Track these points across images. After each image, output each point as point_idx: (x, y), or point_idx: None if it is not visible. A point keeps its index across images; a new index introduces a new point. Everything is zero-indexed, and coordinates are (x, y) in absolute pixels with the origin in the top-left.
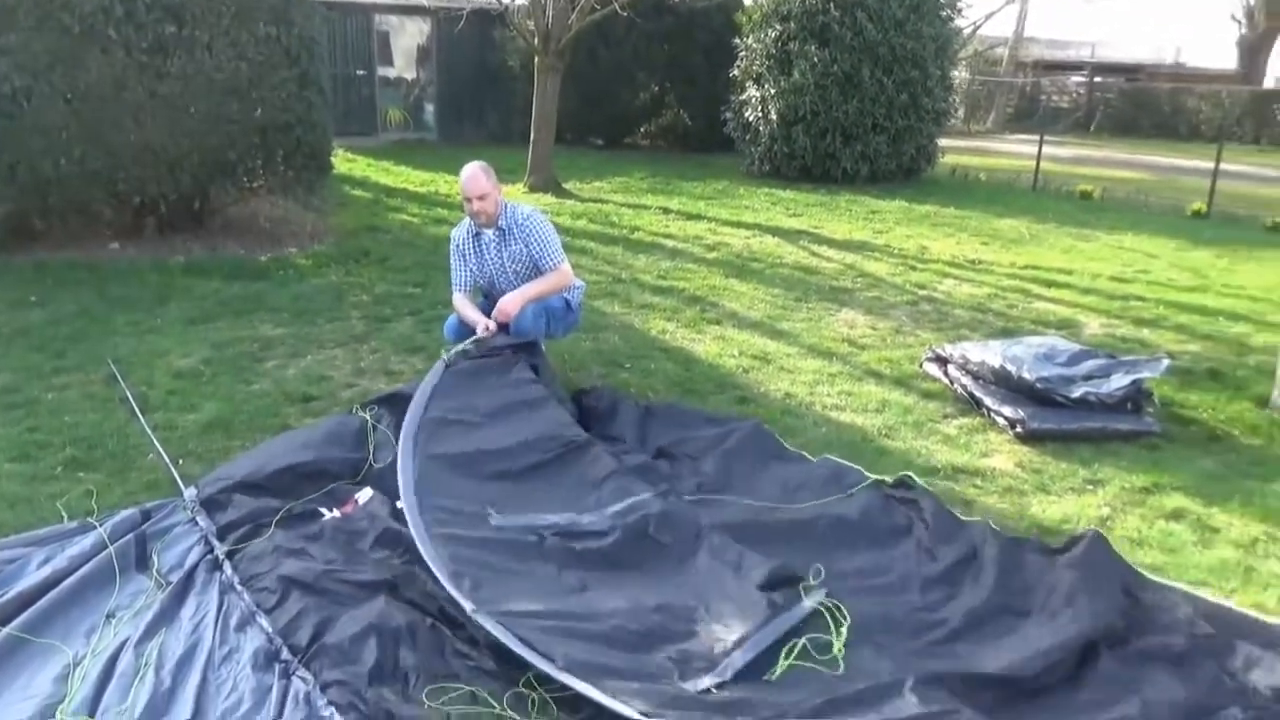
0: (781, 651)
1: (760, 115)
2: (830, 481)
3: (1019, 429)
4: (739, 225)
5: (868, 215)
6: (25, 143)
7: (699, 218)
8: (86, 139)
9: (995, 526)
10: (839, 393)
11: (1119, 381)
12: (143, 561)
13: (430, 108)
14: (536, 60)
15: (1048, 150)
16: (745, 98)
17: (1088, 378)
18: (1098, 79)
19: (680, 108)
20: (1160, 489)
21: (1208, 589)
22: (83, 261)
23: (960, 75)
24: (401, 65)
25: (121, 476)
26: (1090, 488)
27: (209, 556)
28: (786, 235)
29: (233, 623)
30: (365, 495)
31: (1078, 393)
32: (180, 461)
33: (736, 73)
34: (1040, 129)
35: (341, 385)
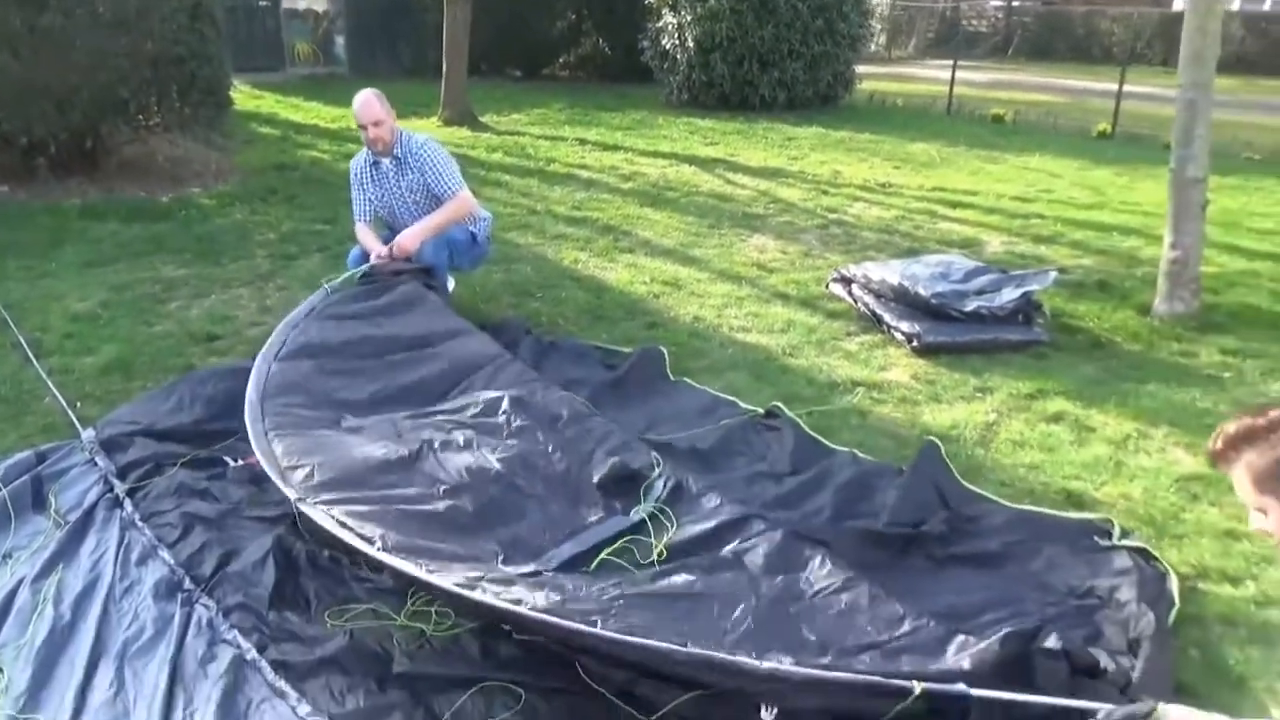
0: (603, 549)
1: (677, 43)
2: (704, 413)
3: (916, 343)
4: (656, 155)
5: (784, 142)
6: None
7: (616, 148)
8: None
9: (860, 454)
10: (746, 314)
11: (1009, 295)
12: (39, 503)
13: (340, 41)
14: None
15: (965, 75)
16: (662, 25)
17: (980, 292)
18: (1015, 3)
19: (599, 36)
20: (1044, 394)
21: (1080, 483)
22: None
23: (880, 1)
24: None
25: (16, 421)
26: (979, 395)
27: (109, 495)
28: (703, 164)
29: (134, 557)
30: None
31: (970, 306)
32: (79, 404)
33: None
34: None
35: (246, 324)
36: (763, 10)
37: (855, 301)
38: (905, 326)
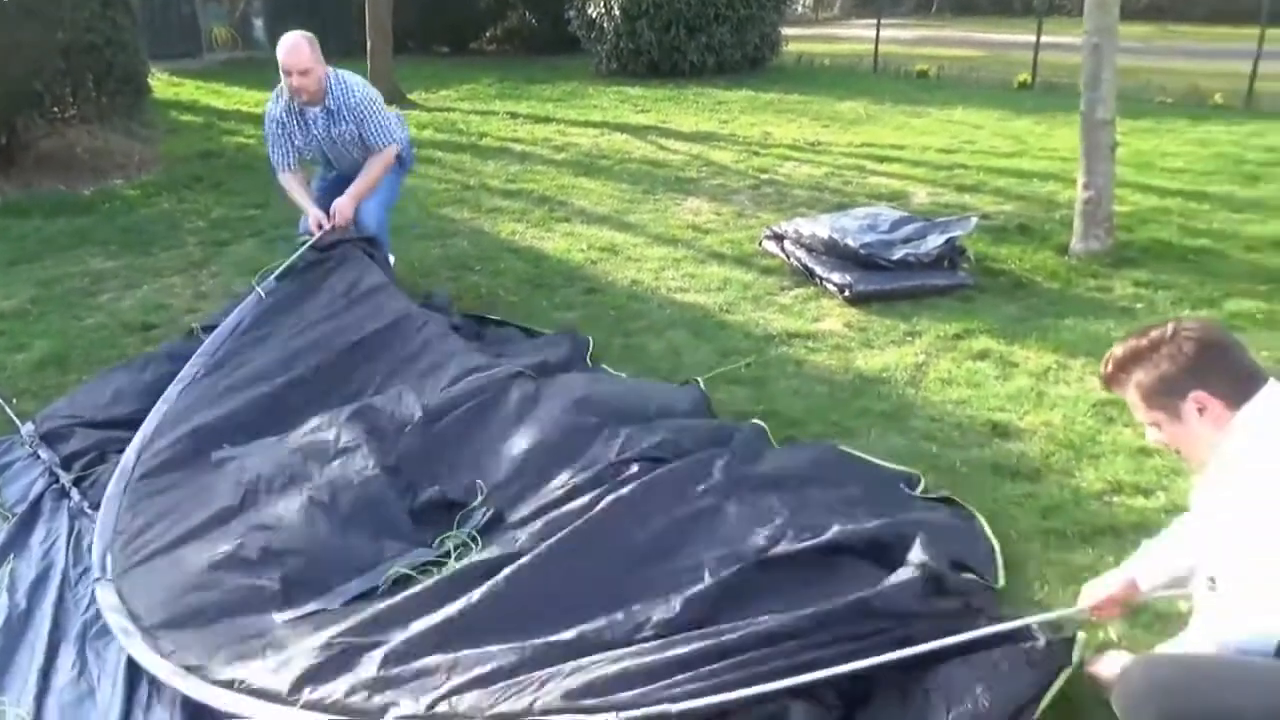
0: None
1: (604, 11)
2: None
3: (847, 293)
4: (588, 125)
5: (714, 106)
6: None
7: (548, 120)
8: None
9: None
10: (683, 275)
11: (934, 242)
12: None
13: (259, 23)
14: None
15: (891, 34)
16: None
17: (907, 241)
18: None
19: (525, 9)
20: (970, 334)
21: (1005, 414)
22: None
23: None
24: None
25: None
26: (909, 339)
27: (55, 486)
28: (635, 131)
29: (86, 544)
30: None
31: (898, 255)
32: (15, 400)
33: None
34: (882, 13)
35: (182, 311)
36: None
37: (788, 257)
38: (837, 278)
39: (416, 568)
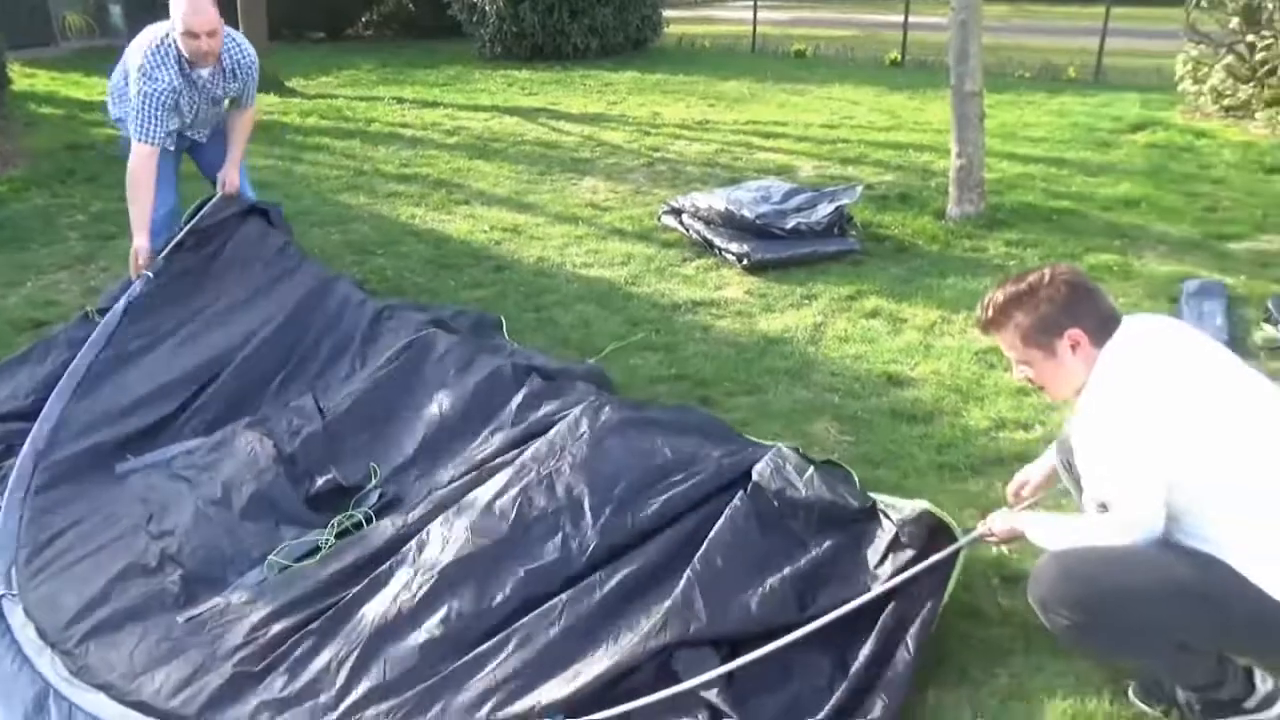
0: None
1: None
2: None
3: (745, 262)
4: (477, 109)
5: (602, 88)
6: None
7: (436, 105)
8: None
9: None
10: (587, 252)
11: (824, 210)
12: None
13: (116, 9)
14: None
15: (767, 15)
16: None
17: (798, 210)
18: None
19: None
20: (861, 295)
21: (898, 366)
22: None
23: None
24: None
25: None
26: (806, 302)
27: None
28: (525, 114)
29: None
30: None
31: (791, 224)
32: None
33: None
34: None
35: (74, 307)
36: None
37: (687, 230)
38: (735, 248)
39: (310, 552)
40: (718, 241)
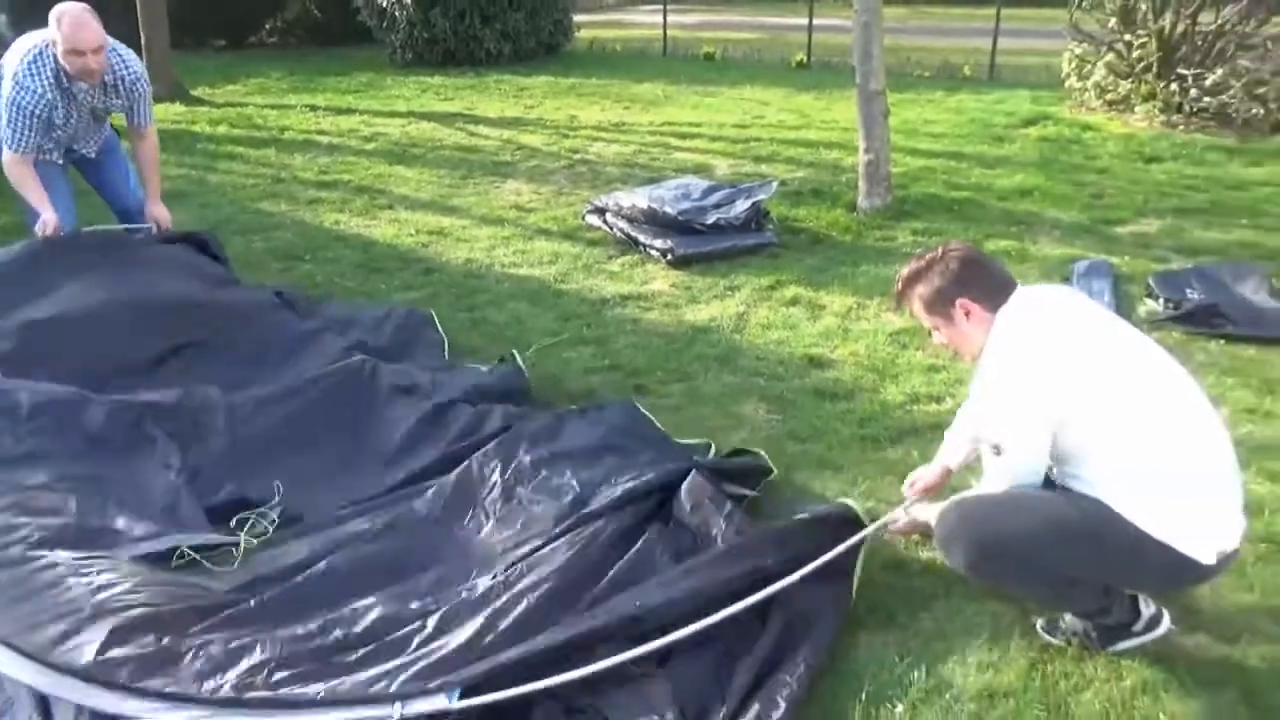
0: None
1: (395, 0)
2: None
3: (669, 257)
4: (393, 115)
5: (517, 92)
6: None
7: (350, 111)
8: None
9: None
10: (514, 252)
11: (742, 206)
12: None
13: (2, 18)
14: None
15: (676, 18)
16: None
17: (717, 206)
18: None
19: None
20: (781, 285)
21: (818, 349)
22: None
23: None
24: None
25: None
26: (729, 293)
27: None
28: (442, 119)
29: None
30: None
31: (711, 219)
32: None
33: None
34: None
35: None
36: None
37: (611, 228)
38: (659, 243)
39: (210, 548)
40: (642, 238)
